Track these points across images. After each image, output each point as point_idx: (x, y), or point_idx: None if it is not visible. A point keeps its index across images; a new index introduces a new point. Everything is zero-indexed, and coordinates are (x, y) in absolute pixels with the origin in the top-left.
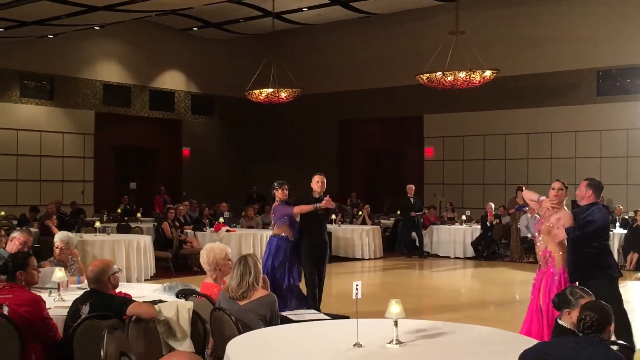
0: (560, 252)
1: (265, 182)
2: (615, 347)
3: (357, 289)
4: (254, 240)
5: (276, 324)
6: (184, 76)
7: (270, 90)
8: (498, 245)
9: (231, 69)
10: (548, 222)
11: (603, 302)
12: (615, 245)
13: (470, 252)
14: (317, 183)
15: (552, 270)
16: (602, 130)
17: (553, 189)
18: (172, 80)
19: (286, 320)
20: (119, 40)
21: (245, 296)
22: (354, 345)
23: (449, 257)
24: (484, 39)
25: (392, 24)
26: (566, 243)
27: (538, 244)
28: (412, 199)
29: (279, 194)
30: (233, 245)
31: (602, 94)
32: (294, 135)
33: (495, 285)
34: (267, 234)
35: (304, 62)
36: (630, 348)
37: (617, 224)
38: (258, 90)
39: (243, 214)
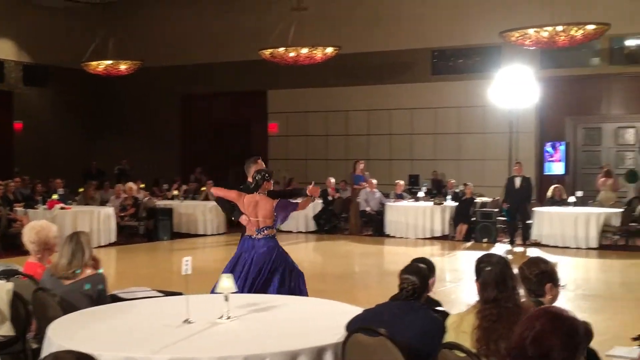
0: None
1: (107, 157)
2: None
3: (186, 264)
4: (91, 218)
5: (105, 303)
6: (14, 45)
7: (109, 62)
8: (339, 219)
9: (68, 38)
10: None
11: (421, 265)
12: (446, 217)
13: (313, 225)
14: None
15: None
16: (437, 108)
17: None
18: (1, 49)
19: (116, 299)
20: None
21: (75, 275)
22: (184, 321)
23: (291, 232)
24: (326, 15)
25: None
26: None
27: None
28: None
29: (269, 185)
30: (68, 223)
31: (436, 73)
32: (137, 109)
33: (335, 257)
34: (104, 211)
35: (145, 34)
36: (445, 313)
37: (449, 197)
38: (96, 62)
39: (81, 190)
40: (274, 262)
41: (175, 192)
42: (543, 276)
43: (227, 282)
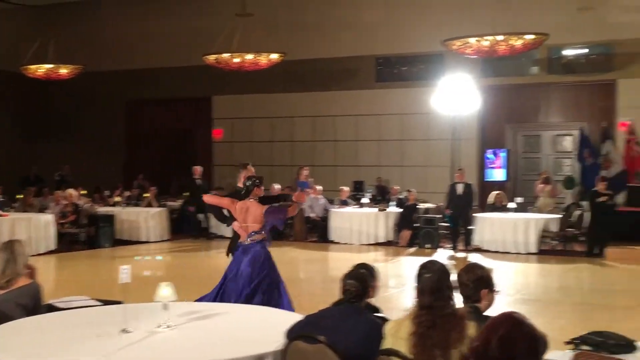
0: None
1: (47, 163)
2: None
3: (124, 272)
4: (29, 226)
5: (40, 313)
6: None
7: (49, 66)
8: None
9: (6, 41)
10: None
11: (362, 270)
12: (390, 223)
13: None
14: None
15: None
16: (380, 114)
17: None
18: None
19: (52, 309)
20: None
21: (8, 285)
22: (121, 331)
23: None
24: (271, 22)
25: (180, 3)
26: None
27: None
28: (198, 181)
29: (259, 191)
30: (5, 231)
31: (380, 80)
32: (80, 114)
33: (280, 264)
34: (43, 218)
35: (89, 38)
36: (384, 319)
37: (393, 203)
38: (35, 66)
39: (20, 196)
40: (259, 270)
41: (117, 199)
42: (479, 282)
43: (166, 291)
